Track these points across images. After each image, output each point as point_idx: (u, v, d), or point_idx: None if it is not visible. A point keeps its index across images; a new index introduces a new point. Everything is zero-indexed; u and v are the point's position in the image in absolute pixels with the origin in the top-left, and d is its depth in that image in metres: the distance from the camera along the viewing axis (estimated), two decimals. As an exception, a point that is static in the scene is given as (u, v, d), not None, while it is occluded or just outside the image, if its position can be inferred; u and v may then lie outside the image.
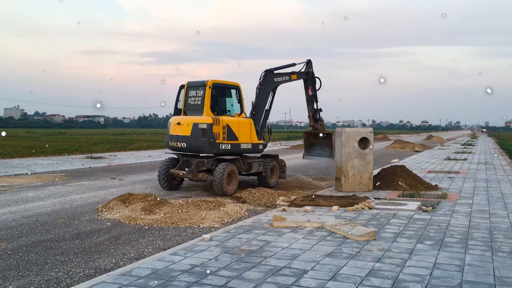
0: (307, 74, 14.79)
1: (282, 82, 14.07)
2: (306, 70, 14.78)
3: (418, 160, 23.89)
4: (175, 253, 6.04)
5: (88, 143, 37.55)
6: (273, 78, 13.77)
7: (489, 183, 13.73)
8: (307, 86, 14.84)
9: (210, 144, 11.70)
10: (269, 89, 13.69)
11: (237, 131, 12.33)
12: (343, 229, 7.05)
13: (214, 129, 11.70)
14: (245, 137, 12.60)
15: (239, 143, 12.40)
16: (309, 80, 14.81)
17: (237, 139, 12.34)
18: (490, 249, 6.28)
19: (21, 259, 6.28)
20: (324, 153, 14.77)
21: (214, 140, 11.70)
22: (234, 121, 12.36)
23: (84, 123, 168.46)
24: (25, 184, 13.86)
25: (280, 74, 14.00)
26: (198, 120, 11.95)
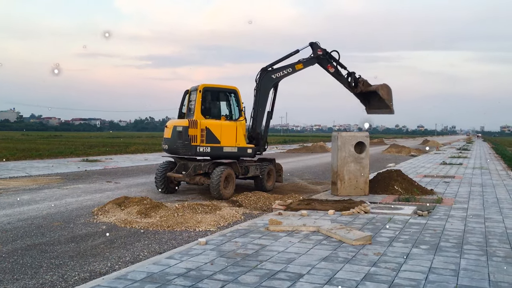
0: (318, 58, 13.60)
1: (283, 76, 13.35)
2: (315, 55, 13.57)
3: (414, 164, 23.96)
4: (171, 256, 6.03)
5: (84, 146, 37.45)
6: (271, 75, 13.21)
7: (484, 188, 13.78)
8: (326, 66, 13.68)
9: (185, 146, 11.90)
10: (267, 89, 13.25)
11: (218, 134, 12.35)
12: (339, 233, 7.06)
13: (190, 132, 11.87)
14: (229, 140, 12.54)
15: (221, 146, 12.40)
16: (324, 61, 13.63)
17: (219, 142, 12.36)
18: (485, 253, 6.30)
19: (16, 262, 6.25)
20: (382, 104, 13.72)
21: (189, 142, 11.84)
22: (215, 124, 12.35)
23: (80, 126, 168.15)
24: (20, 187, 13.80)
25: (279, 68, 13.30)
26: (176, 123, 12.38)
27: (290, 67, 13.34)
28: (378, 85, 13.68)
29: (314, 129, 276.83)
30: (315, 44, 13.61)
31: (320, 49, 13.57)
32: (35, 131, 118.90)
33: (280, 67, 13.29)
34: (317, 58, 13.57)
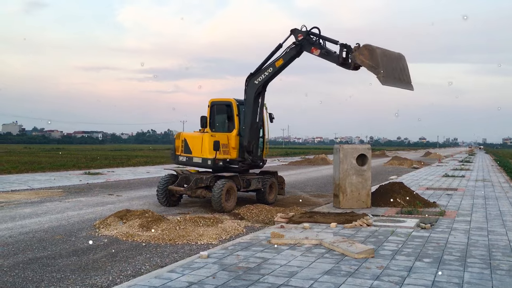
0: (300, 44, 11.77)
1: (266, 79, 12.19)
2: (296, 41, 11.82)
3: (416, 177, 23.90)
4: (173, 270, 6.00)
5: (86, 159, 37.49)
6: (253, 81, 12.33)
7: (487, 201, 13.73)
8: (310, 50, 11.73)
9: (172, 155, 13.63)
10: (251, 97, 12.41)
11: (191, 145, 12.96)
12: (342, 246, 7.03)
13: (176, 143, 13.41)
14: (196, 151, 12.87)
15: (192, 157, 12.96)
16: (306, 45, 11.75)
17: (191, 152, 12.95)
18: (489, 267, 6.26)
19: (18, 276, 6.23)
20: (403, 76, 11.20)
21: (173, 152, 13.45)
22: (190, 136, 13.17)
23: (82, 138, 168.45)
24: (22, 200, 13.80)
25: (260, 71, 12.25)
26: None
27: (270, 66, 12.15)
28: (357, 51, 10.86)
29: (315, 141, 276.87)
30: (296, 29, 11.87)
31: (301, 33, 11.76)
32: (37, 144, 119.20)
33: (261, 68, 12.31)
34: (299, 44, 11.78)
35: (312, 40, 11.68)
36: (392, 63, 10.85)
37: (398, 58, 11.15)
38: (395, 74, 10.88)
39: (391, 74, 10.75)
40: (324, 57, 11.57)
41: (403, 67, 11.21)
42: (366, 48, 10.73)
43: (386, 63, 10.60)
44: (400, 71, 11.04)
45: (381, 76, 10.43)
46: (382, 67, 10.53)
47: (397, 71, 10.94)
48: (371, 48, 10.69)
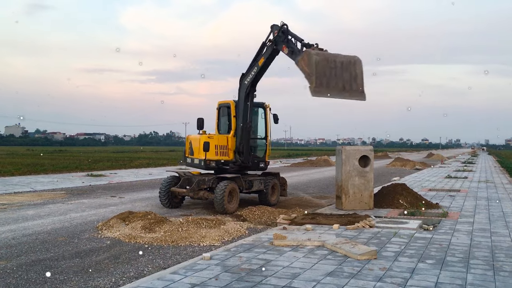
0: (275, 41, 11.49)
1: (253, 78, 12.20)
2: (273, 38, 11.57)
3: (419, 178, 23.86)
4: (175, 272, 6.01)
5: (89, 161, 37.56)
6: (244, 81, 12.39)
7: (490, 202, 13.70)
8: (281, 48, 11.37)
9: (182, 156, 13.78)
10: (241, 97, 12.47)
11: (194, 147, 13.17)
12: (344, 247, 7.02)
13: (185, 145, 13.73)
14: (196, 152, 13.06)
15: (193, 158, 13.18)
16: (279, 42, 11.40)
17: (193, 154, 13.19)
18: (492, 268, 6.24)
19: (21, 278, 6.25)
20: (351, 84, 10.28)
21: (183, 153, 13.67)
22: (194, 138, 13.31)
23: (85, 140, 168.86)
24: (25, 202, 13.83)
25: (247, 71, 12.31)
26: None
27: (255, 65, 12.12)
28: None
29: (318, 143, 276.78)
30: (274, 26, 11.57)
31: (277, 30, 11.49)
32: (40, 146, 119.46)
33: (248, 68, 12.32)
34: (274, 42, 11.54)
35: (283, 38, 11.35)
36: (335, 71, 10.08)
37: (347, 64, 10.24)
38: (338, 83, 10.10)
39: (330, 84, 10.04)
40: (290, 56, 11.14)
41: (354, 74, 10.28)
42: (306, 53, 10.23)
43: (323, 72, 9.93)
44: (346, 79, 10.19)
45: (312, 87, 9.92)
46: (316, 77, 9.92)
47: (341, 79, 10.12)
48: (309, 55, 10.13)
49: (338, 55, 10.32)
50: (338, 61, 10.13)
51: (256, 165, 13.39)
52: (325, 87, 9.97)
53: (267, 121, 13.63)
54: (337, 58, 10.20)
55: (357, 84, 10.16)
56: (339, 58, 10.23)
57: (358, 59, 10.33)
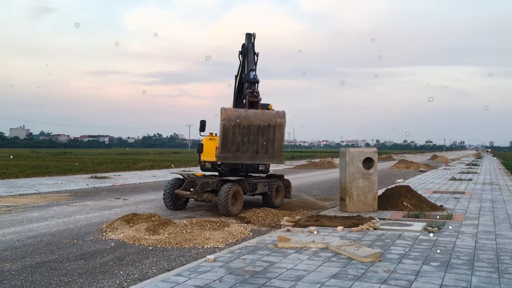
0: (242, 52, 11.83)
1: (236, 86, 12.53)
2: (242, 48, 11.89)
3: (423, 180, 23.80)
4: (179, 274, 6.02)
5: (93, 163, 37.66)
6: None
7: (494, 204, 13.64)
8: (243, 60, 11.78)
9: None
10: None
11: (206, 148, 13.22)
12: (348, 250, 7.01)
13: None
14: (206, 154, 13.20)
15: (204, 160, 13.26)
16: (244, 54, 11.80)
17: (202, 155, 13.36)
18: (497, 270, 6.22)
19: (26, 279, 6.27)
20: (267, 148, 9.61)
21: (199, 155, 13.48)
22: (205, 140, 13.33)
23: (89, 143, 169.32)
24: (29, 204, 13.88)
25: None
26: None
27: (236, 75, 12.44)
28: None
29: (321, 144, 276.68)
30: (247, 34, 11.74)
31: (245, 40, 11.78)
32: (44, 148, 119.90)
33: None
34: (242, 52, 11.84)
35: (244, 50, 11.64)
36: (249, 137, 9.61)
37: (265, 128, 9.54)
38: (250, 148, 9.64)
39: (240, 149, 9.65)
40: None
41: (272, 139, 9.62)
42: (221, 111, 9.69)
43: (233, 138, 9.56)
44: (262, 144, 9.63)
45: (217, 153, 9.78)
46: (222, 143, 9.58)
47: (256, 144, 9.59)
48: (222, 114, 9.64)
49: (258, 116, 9.54)
50: (254, 125, 9.55)
51: (255, 167, 13.22)
52: (233, 152, 9.66)
53: None
54: (253, 121, 9.54)
55: (274, 149, 9.65)
56: (257, 121, 9.57)
57: (279, 122, 9.64)
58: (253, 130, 9.49)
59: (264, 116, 9.44)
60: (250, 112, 9.54)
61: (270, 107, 13.56)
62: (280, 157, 9.65)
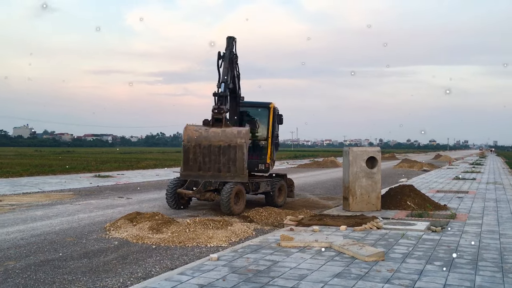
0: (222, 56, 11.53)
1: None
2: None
3: (427, 179, 23.75)
4: (183, 272, 6.02)
5: (96, 162, 37.74)
6: None
7: (498, 203, 13.61)
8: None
9: None
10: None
11: None
12: (352, 249, 7.01)
13: None
14: None
15: None
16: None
17: None
18: (501, 270, 6.20)
19: (29, 278, 6.29)
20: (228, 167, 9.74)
21: None
22: None
23: (92, 141, 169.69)
24: (33, 202, 13.93)
25: None
26: None
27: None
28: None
29: (324, 144, 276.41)
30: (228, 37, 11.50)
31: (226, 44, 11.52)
32: (48, 147, 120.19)
33: None
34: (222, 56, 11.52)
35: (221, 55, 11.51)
36: (210, 156, 9.75)
37: (226, 149, 9.61)
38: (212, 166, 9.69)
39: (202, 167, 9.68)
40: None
41: (233, 158, 9.75)
42: (184, 129, 9.81)
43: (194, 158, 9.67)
44: (224, 163, 9.81)
45: (181, 170, 9.89)
46: (184, 162, 9.62)
47: (217, 163, 9.71)
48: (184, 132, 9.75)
49: (218, 136, 9.59)
50: (214, 145, 9.65)
51: (254, 166, 13.08)
52: (195, 170, 9.81)
53: (270, 122, 13.40)
54: (213, 142, 9.63)
55: (236, 167, 9.76)
56: (217, 141, 9.66)
57: (240, 143, 9.70)
58: (213, 150, 9.70)
59: (225, 136, 9.59)
60: (211, 131, 9.65)
61: (272, 105, 13.49)
62: (242, 175, 9.70)
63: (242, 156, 9.44)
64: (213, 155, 9.59)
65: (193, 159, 9.62)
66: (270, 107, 13.46)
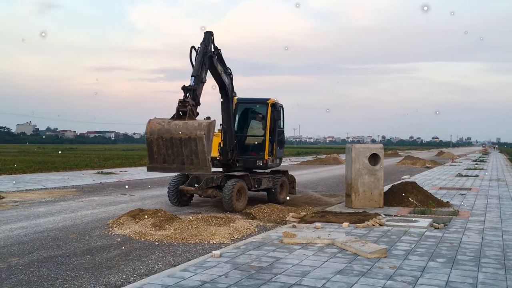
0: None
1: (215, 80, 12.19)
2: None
3: (429, 176, 23.71)
4: (185, 269, 6.04)
5: (99, 159, 37.81)
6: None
7: (501, 200, 13.57)
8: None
9: None
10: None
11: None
12: (354, 246, 7.00)
13: None
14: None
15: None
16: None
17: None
18: (503, 267, 6.19)
19: (33, 274, 6.31)
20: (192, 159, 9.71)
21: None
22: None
23: (95, 138, 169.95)
24: (36, 199, 13.97)
25: None
26: None
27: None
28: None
29: (327, 141, 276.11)
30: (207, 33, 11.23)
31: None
32: (50, 144, 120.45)
33: None
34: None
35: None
36: (172, 149, 9.67)
37: (187, 141, 9.54)
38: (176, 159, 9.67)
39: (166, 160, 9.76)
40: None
41: (195, 150, 9.60)
42: (147, 123, 9.90)
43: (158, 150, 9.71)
44: (187, 155, 9.63)
45: (147, 163, 10.08)
46: (149, 155, 9.82)
47: (181, 155, 9.64)
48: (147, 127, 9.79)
49: (179, 128, 9.61)
50: (175, 138, 9.65)
51: (252, 163, 13.04)
52: (160, 163, 9.85)
53: (268, 118, 13.19)
54: (174, 134, 9.66)
55: (198, 159, 9.70)
56: (178, 134, 9.67)
57: (199, 135, 9.59)
58: (175, 142, 9.65)
59: (185, 128, 9.55)
60: (173, 124, 9.66)
61: (270, 101, 13.34)
62: (205, 167, 9.68)
63: (203, 148, 9.46)
64: (175, 148, 9.64)
65: (157, 151, 9.70)
66: (268, 103, 13.32)
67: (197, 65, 10.67)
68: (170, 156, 9.74)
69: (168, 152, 9.73)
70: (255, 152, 13.29)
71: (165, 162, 9.81)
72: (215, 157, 12.76)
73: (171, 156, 9.73)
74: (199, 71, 10.58)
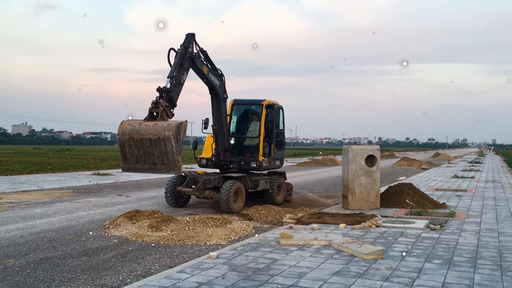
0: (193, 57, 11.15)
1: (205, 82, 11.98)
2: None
3: (426, 177, 23.77)
4: (182, 270, 6.03)
5: (95, 160, 37.70)
6: None
7: (497, 202, 13.62)
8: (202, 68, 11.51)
9: None
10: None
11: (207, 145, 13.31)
12: (351, 247, 7.02)
13: None
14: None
15: (201, 156, 13.40)
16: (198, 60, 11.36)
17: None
18: (500, 268, 6.22)
19: (29, 276, 6.29)
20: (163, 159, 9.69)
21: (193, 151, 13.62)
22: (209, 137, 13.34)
23: (91, 139, 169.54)
24: (32, 200, 13.92)
25: None
26: None
27: None
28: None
29: (323, 142, 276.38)
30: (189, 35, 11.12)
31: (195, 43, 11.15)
32: (46, 145, 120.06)
33: None
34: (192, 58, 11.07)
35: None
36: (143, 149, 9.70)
37: (157, 141, 9.53)
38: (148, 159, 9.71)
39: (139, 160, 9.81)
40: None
41: (165, 151, 9.56)
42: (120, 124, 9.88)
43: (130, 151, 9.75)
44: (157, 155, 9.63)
45: (121, 164, 10.18)
46: (122, 156, 9.87)
47: (152, 156, 9.66)
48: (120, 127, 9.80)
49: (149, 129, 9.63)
50: (145, 138, 9.67)
51: (246, 164, 12.94)
52: (133, 163, 9.93)
53: (262, 120, 13.12)
54: (144, 135, 9.68)
55: (168, 160, 9.68)
56: (148, 135, 9.68)
57: (167, 135, 9.51)
58: (145, 143, 9.68)
59: (155, 129, 9.55)
60: (143, 125, 9.74)
61: (265, 102, 13.30)
62: (176, 168, 9.67)
63: (172, 149, 9.51)
64: (146, 148, 9.73)
65: (130, 152, 9.79)
66: (263, 104, 13.29)
67: (173, 66, 10.65)
68: (142, 157, 9.79)
69: (140, 153, 9.79)
70: (250, 153, 13.26)
71: (137, 162, 9.88)
72: (209, 158, 12.79)
73: (143, 157, 9.79)
74: (175, 72, 10.58)
